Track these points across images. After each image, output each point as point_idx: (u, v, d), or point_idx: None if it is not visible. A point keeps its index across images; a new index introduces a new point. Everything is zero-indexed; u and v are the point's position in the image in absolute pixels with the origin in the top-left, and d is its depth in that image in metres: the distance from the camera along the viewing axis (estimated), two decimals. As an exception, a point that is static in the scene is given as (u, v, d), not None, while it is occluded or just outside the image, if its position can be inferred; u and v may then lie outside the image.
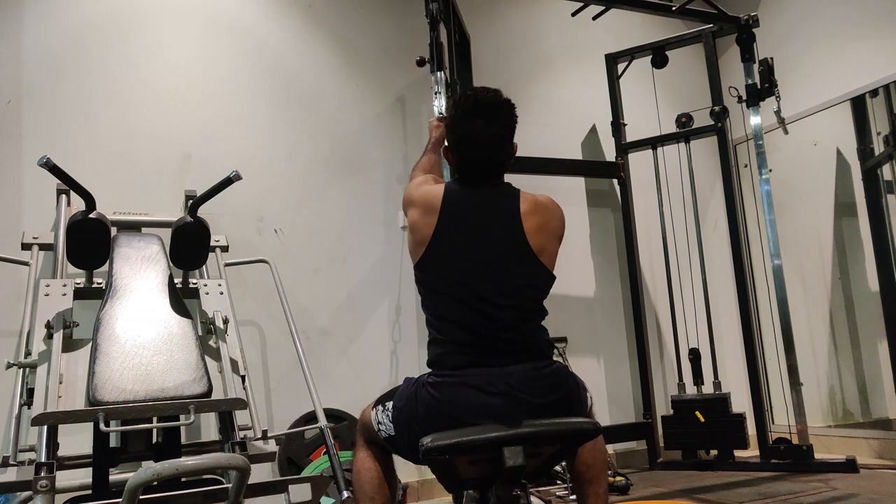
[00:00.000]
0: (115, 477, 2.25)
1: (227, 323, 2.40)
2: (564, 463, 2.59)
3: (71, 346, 2.17)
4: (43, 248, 2.72)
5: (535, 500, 3.03)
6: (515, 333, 1.59)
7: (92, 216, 2.27)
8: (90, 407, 1.88)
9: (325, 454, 2.88)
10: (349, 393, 3.27)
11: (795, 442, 3.53)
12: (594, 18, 4.00)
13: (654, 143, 4.09)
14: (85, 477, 2.43)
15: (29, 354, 2.13)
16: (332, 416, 3.05)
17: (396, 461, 1.81)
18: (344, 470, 2.37)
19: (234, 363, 2.28)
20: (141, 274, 2.37)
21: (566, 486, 3.17)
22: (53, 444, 1.90)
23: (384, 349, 3.48)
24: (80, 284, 2.45)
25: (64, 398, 1.99)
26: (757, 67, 3.77)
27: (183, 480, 2.03)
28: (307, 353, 2.85)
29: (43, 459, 1.83)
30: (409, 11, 3.82)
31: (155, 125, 3.20)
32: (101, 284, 2.52)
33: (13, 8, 3.01)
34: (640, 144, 4.12)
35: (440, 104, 3.01)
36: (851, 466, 3.32)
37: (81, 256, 2.35)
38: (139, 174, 3.13)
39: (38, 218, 2.90)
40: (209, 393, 2.02)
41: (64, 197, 2.80)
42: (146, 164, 3.15)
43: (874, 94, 3.81)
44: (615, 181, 4.19)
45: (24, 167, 2.92)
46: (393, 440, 1.69)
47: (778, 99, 3.70)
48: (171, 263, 2.47)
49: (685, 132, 4.03)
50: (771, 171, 3.79)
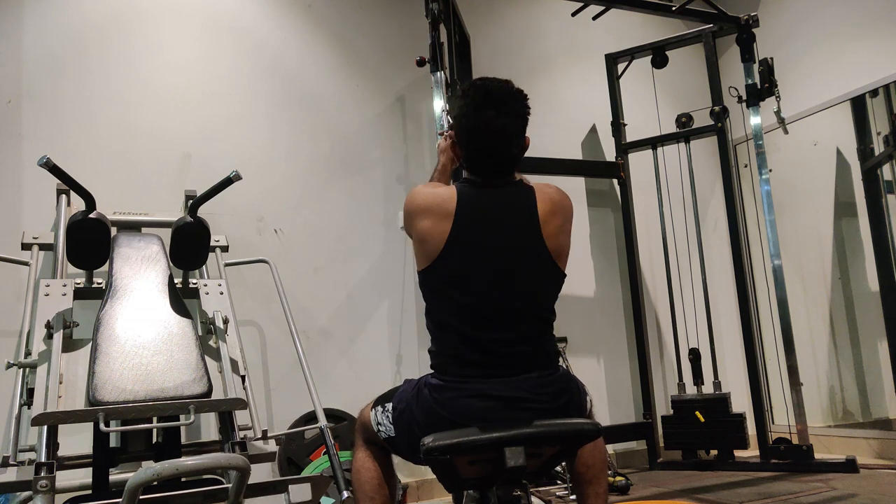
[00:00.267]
0: (115, 477, 2.25)
1: (227, 323, 2.40)
2: (564, 463, 2.59)
3: (71, 346, 2.17)
4: (43, 248, 2.72)
5: (535, 500, 3.03)
6: (528, 346, 1.56)
7: (92, 216, 2.27)
8: (90, 407, 1.88)
9: (325, 454, 2.88)
10: (349, 393, 3.26)
11: (795, 442, 3.54)
12: (594, 18, 4.00)
13: (654, 143, 4.09)
14: (85, 477, 2.43)
15: (29, 354, 2.13)
16: (332, 416, 3.05)
17: (396, 460, 1.81)
18: (344, 470, 2.37)
19: (234, 363, 2.28)
20: (141, 274, 2.37)
21: (566, 485, 3.17)
22: (53, 444, 1.90)
23: (384, 349, 3.48)
24: (80, 284, 2.45)
25: (64, 398, 1.99)
26: (757, 67, 3.76)
27: (183, 480, 2.03)
28: (307, 353, 2.85)
29: (43, 459, 1.83)
30: (409, 11, 3.82)
31: (155, 125, 3.20)
32: (101, 284, 2.52)
33: (13, 8, 3.01)
34: (640, 144, 4.12)
35: (441, 105, 3.00)
36: (851, 466, 3.32)
37: (81, 256, 2.35)
38: (139, 174, 3.13)
39: (38, 218, 2.90)
40: (209, 393, 2.02)
41: (64, 197, 2.80)
42: (146, 164, 3.15)
43: (874, 94, 3.81)
44: (615, 181, 4.19)
45: (24, 167, 2.92)
46: (393, 441, 1.68)
47: (778, 99, 3.70)
48: (171, 263, 2.47)
49: (685, 132, 4.03)
50: (771, 171, 3.79)
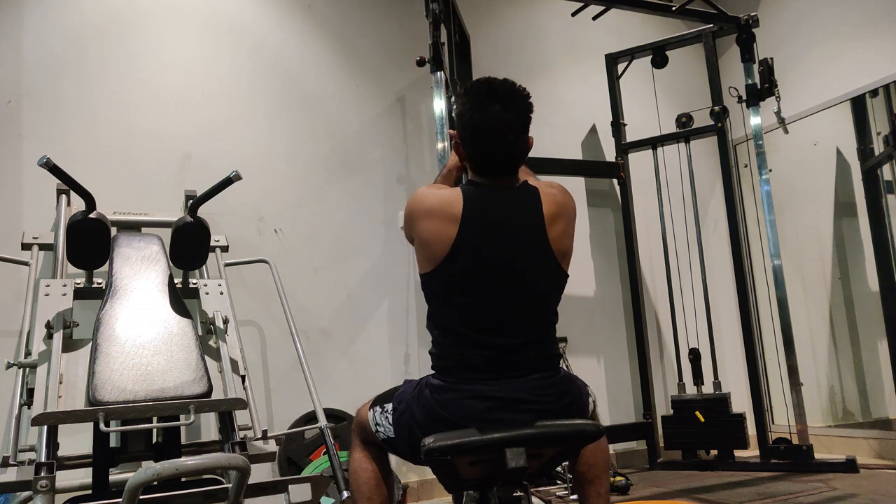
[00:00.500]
0: (115, 477, 2.25)
1: (227, 323, 2.40)
2: (566, 462, 2.59)
3: (71, 346, 2.17)
4: (43, 248, 2.72)
5: (535, 500, 3.03)
6: (532, 349, 1.56)
7: (92, 216, 2.27)
8: (90, 407, 1.88)
9: (325, 454, 2.88)
10: (349, 393, 3.26)
11: (795, 442, 3.54)
12: (594, 18, 4.00)
13: (654, 143, 4.09)
14: (85, 477, 2.43)
15: (29, 354, 2.13)
16: (332, 416, 3.05)
17: (396, 460, 1.80)
18: (344, 470, 2.36)
19: (234, 363, 2.28)
20: (141, 274, 2.37)
21: (566, 485, 3.17)
22: (53, 444, 1.90)
23: (384, 349, 3.48)
24: (80, 284, 2.45)
25: (64, 398, 1.99)
26: (757, 67, 3.76)
27: (183, 480, 2.03)
28: (307, 353, 2.85)
29: (43, 459, 1.83)
30: (409, 11, 3.82)
31: (155, 125, 3.20)
32: (101, 284, 2.52)
33: (13, 8, 3.01)
34: (640, 144, 4.12)
35: (441, 105, 3.00)
36: (851, 466, 3.32)
37: (81, 256, 2.34)
38: (139, 174, 3.13)
39: (38, 218, 2.90)
40: (209, 393, 2.02)
41: (64, 197, 2.80)
42: (146, 164, 3.15)
43: (874, 94, 3.81)
44: (615, 181, 4.19)
45: (24, 167, 2.92)
46: (392, 442, 1.67)
47: (778, 99, 3.70)
48: (171, 263, 2.47)
49: (685, 132, 4.03)
50: (771, 171, 3.79)
